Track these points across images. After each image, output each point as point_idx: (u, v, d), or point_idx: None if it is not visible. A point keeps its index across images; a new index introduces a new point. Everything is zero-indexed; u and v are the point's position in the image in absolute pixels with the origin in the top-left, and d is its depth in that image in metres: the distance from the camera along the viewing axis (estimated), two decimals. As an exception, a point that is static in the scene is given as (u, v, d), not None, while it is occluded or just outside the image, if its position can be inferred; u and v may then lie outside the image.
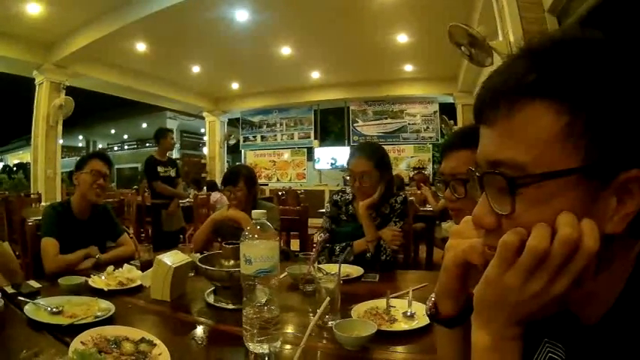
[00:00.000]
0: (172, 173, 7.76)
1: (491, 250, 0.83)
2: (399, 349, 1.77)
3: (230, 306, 2.26)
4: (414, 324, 1.94)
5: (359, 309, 2.10)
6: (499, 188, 0.79)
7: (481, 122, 0.85)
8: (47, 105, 12.33)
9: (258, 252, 1.76)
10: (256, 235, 1.79)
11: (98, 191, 3.56)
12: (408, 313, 2.06)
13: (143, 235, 8.80)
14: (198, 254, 2.93)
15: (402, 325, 1.96)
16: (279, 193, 12.63)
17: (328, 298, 1.87)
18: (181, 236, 7.86)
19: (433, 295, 1.16)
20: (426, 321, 1.87)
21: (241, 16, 10.03)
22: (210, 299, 2.38)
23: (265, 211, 1.87)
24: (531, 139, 0.75)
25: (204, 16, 9.77)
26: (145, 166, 7.66)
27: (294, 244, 4.94)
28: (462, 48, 6.22)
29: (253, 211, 1.86)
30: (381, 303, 2.15)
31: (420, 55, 12.50)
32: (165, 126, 26.83)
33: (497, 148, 0.80)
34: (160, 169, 7.56)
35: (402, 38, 11.14)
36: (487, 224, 0.83)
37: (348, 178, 3.57)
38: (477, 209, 0.85)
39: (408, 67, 13.92)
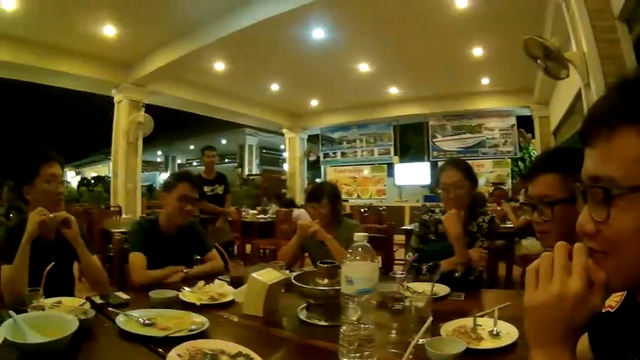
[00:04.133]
0: (219, 191, 7.95)
1: (592, 252, 0.93)
2: None
3: (322, 322, 2.27)
4: (500, 342, 1.94)
5: (447, 327, 2.11)
6: (598, 200, 0.88)
7: (585, 144, 0.95)
8: (127, 122, 12.82)
9: (359, 273, 1.76)
10: (358, 257, 1.80)
11: (186, 216, 3.63)
12: (494, 332, 2.06)
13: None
14: (287, 271, 2.94)
15: (489, 344, 1.95)
16: (362, 210, 12.59)
17: (431, 319, 1.90)
18: (230, 248, 7.90)
19: None
20: (511, 339, 1.91)
21: (317, 34, 10.11)
22: (303, 315, 2.40)
23: (367, 234, 1.87)
24: (623, 158, 0.84)
25: (281, 35, 9.91)
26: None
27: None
28: (538, 61, 6.15)
29: (355, 234, 1.86)
30: (467, 322, 2.15)
31: (496, 68, 12.38)
32: (244, 143, 27.20)
33: (596, 165, 0.90)
34: (206, 188, 7.69)
35: (478, 51, 11.07)
36: (588, 230, 0.93)
37: (440, 191, 3.56)
38: (581, 217, 0.95)
39: (485, 80, 13.79)
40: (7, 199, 9.24)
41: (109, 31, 10.19)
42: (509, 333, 1.99)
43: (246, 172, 27.46)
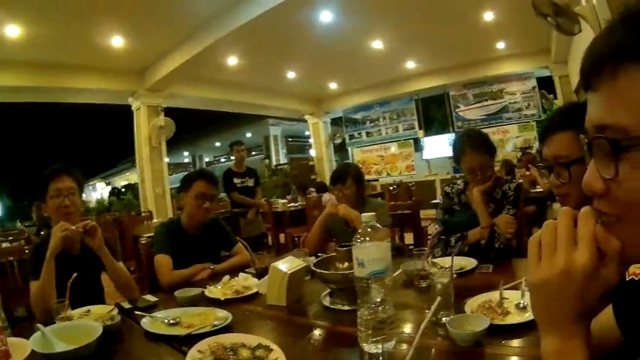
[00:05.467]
0: (250, 183, 8.09)
1: (602, 215, 0.83)
2: (513, 342, 1.72)
3: (346, 307, 2.26)
4: (527, 316, 1.87)
5: (472, 303, 2.06)
6: (605, 153, 0.78)
7: (587, 88, 0.84)
8: (147, 128, 12.89)
9: (370, 254, 1.73)
10: (367, 238, 1.77)
11: (204, 213, 3.66)
12: (521, 305, 1.99)
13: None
14: (312, 257, 2.95)
15: (515, 318, 1.89)
16: (390, 188, 12.56)
17: (439, 298, 1.83)
18: (264, 240, 8.08)
19: None
20: None
21: (327, 16, 10.06)
22: (327, 302, 2.39)
23: (374, 213, 1.84)
24: (632, 103, 0.73)
25: (290, 22, 9.81)
26: (222, 179, 7.89)
27: (408, 238, 4.88)
28: (549, 18, 6.05)
29: (363, 215, 1.84)
30: (494, 295, 2.10)
31: (510, 31, 12.17)
32: (268, 133, 27.19)
33: (602, 112, 0.78)
34: (236, 180, 7.94)
35: (489, 16, 10.89)
36: (597, 189, 0.81)
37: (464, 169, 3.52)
38: (587, 175, 0.84)
39: (501, 45, 13.57)
40: (37, 218, 9.41)
41: (118, 41, 10.25)
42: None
43: (274, 162, 27.46)
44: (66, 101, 13.47)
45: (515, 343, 1.71)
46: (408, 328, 1.96)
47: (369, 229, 1.79)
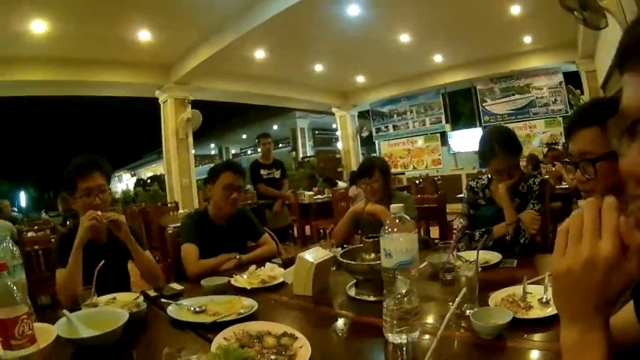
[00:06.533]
0: (277, 175, 8.13)
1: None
2: (534, 337, 1.72)
3: (371, 298, 2.28)
4: (549, 311, 1.87)
5: (496, 297, 2.07)
6: None
7: (627, 70, 0.80)
8: (174, 120, 13.04)
9: (397, 245, 1.75)
10: (395, 229, 1.78)
11: (232, 204, 3.67)
12: (544, 300, 2.00)
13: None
14: (339, 249, 2.96)
15: (537, 313, 1.90)
16: (417, 182, 12.54)
17: (464, 289, 1.83)
18: (290, 231, 8.10)
19: None
20: None
21: (354, 10, 10.02)
22: (352, 292, 2.40)
23: (403, 205, 1.86)
24: None
25: (317, 15, 9.84)
26: (249, 170, 7.97)
27: (434, 232, 4.90)
28: (575, 12, 6.00)
29: (392, 206, 1.86)
30: (517, 290, 2.11)
31: (536, 24, 12.01)
32: (295, 126, 27.22)
33: None
34: (262, 171, 7.98)
35: (516, 9, 10.78)
36: None
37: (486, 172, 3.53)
38: (628, 160, 0.80)
39: (527, 39, 13.42)
40: (63, 209, 9.51)
41: (145, 35, 10.33)
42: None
43: (301, 154, 27.49)
44: (92, 94, 13.70)
45: (537, 337, 1.72)
46: (431, 320, 1.96)
47: (397, 221, 1.80)
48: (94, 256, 2.70)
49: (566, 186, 7.39)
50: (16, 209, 15.21)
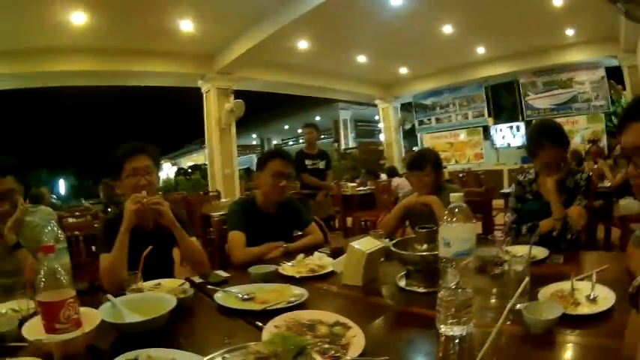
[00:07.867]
0: (321, 165, 8.17)
1: None
2: (583, 333, 1.70)
3: (421, 289, 2.26)
4: (597, 308, 1.86)
5: (545, 291, 2.05)
6: None
7: None
8: (217, 110, 13.21)
9: (456, 235, 1.73)
10: (455, 219, 1.77)
11: (281, 192, 3.66)
12: (591, 297, 1.97)
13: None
14: (387, 239, 2.93)
15: (586, 309, 1.87)
16: (460, 175, 12.48)
17: (527, 279, 1.83)
18: (332, 222, 8.14)
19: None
20: (608, 305, 1.82)
21: (395, 0, 9.99)
22: (402, 283, 2.39)
23: (462, 194, 1.84)
24: None
25: (359, 5, 9.87)
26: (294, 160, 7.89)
27: (477, 226, 4.81)
28: (618, 4, 5.88)
29: (451, 195, 1.84)
30: (565, 285, 2.08)
31: (578, 17, 11.85)
32: (338, 117, 27.23)
33: None
34: (307, 162, 8.03)
35: (558, 1, 10.63)
36: None
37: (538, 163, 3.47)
38: None
39: (569, 32, 13.23)
40: (104, 196, 9.63)
41: (187, 26, 10.44)
42: (606, 297, 1.90)
43: (343, 145, 27.49)
44: (134, 84, 13.97)
45: (585, 333, 1.70)
46: (478, 312, 1.91)
47: (456, 210, 1.79)
48: (139, 242, 2.72)
49: (608, 184, 7.33)
50: (54, 196, 15.42)
